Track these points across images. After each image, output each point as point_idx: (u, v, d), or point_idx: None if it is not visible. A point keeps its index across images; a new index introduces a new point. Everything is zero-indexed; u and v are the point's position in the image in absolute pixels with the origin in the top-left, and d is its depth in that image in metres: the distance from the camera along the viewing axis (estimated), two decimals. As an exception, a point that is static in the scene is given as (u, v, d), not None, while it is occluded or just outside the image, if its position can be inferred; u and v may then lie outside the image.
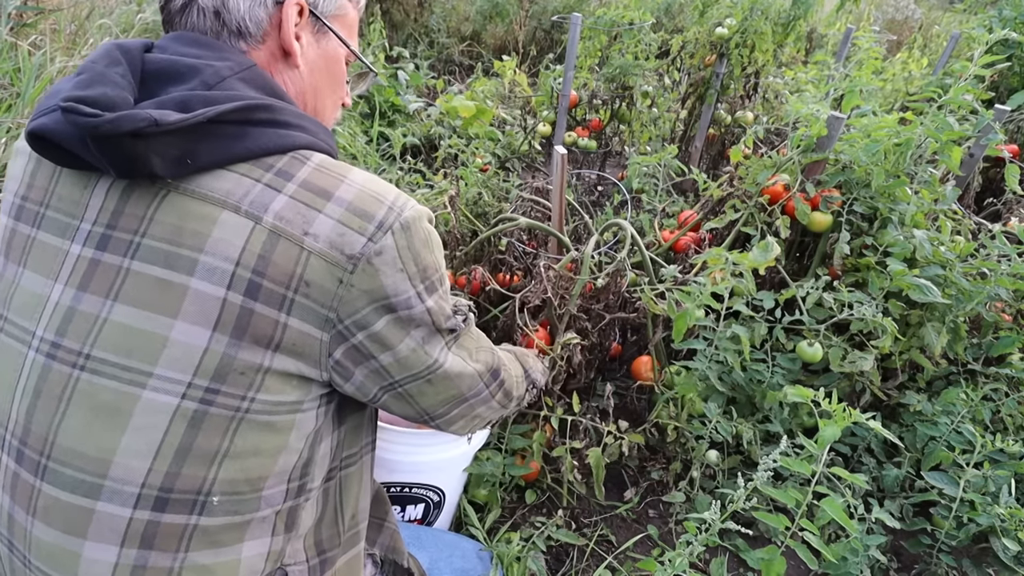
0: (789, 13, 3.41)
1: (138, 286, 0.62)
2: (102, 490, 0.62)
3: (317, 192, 0.64)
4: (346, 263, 0.63)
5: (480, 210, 2.32)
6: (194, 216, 0.62)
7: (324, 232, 0.63)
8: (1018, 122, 3.22)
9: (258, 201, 0.62)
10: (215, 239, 0.61)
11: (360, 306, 0.65)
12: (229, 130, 0.63)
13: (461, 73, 5.72)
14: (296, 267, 0.62)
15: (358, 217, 0.64)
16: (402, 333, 0.70)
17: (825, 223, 1.85)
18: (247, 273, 0.61)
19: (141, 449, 0.61)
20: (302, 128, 0.69)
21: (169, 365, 0.61)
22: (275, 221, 0.62)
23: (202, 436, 0.62)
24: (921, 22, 7.78)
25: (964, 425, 1.66)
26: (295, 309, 0.63)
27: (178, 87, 0.64)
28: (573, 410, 1.68)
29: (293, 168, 0.65)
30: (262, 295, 0.61)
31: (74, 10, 2.92)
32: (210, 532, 0.65)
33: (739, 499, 1.13)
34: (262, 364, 0.63)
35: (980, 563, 1.61)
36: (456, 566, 1.23)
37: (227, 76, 0.66)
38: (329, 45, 0.79)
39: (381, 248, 0.65)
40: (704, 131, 3.60)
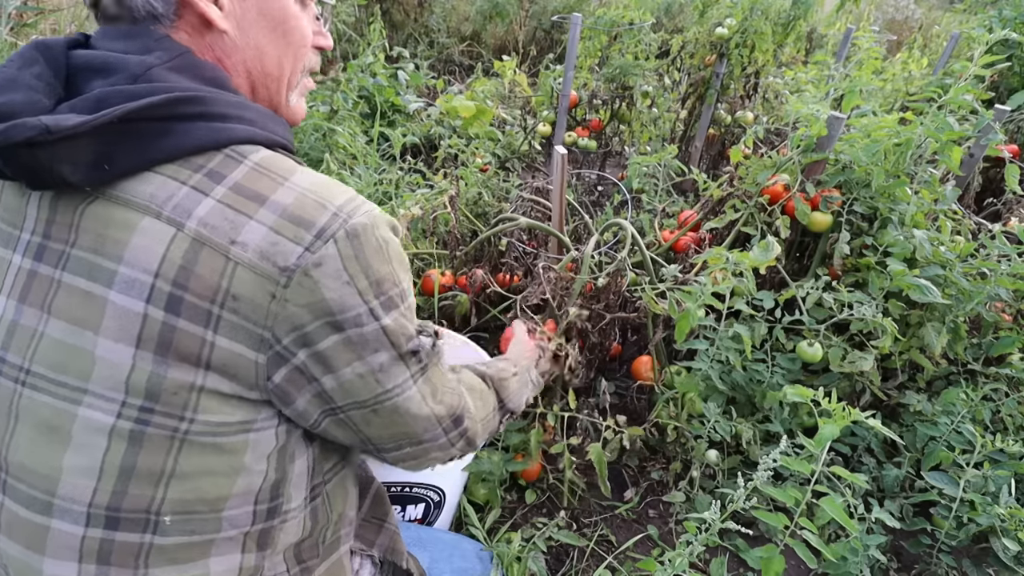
0: (789, 13, 3.41)
1: (67, 299, 0.58)
2: (53, 507, 0.59)
3: (250, 196, 0.58)
4: (278, 276, 0.57)
5: (480, 210, 2.32)
6: (115, 223, 0.57)
7: (254, 241, 0.57)
8: (1018, 122, 3.22)
9: (182, 206, 0.56)
10: (134, 248, 0.56)
11: (302, 323, 0.59)
12: (149, 128, 0.57)
13: (461, 73, 5.72)
14: (222, 280, 0.56)
15: (294, 224, 0.58)
16: (351, 355, 0.63)
17: (825, 223, 1.85)
18: (167, 286, 0.56)
19: (85, 467, 0.58)
20: (241, 119, 0.62)
21: (100, 383, 0.57)
22: (199, 228, 0.56)
23: (144, 456, 0.58)
24: (921, 22, 7.79)
25: (964, 425, 1.66)
26: (222, 327, 0.57)
27: (103, 81, 0.59)
28: (570, 407, 1.68)
29: (226, 168, 0.59)
30: (185, 310, 0.56)
31: (74, 10, 2.92)
32: (167, 551, 0.61)
33: (739, 499, 1.13)
34: (194, 383, 0.58)
35: (980, 563, 1.61)
36: (456, 566, 1.23)
37: (155, 66, 0.60)
38: None
39: (320, 259, 0.58)
40: (704, 131, 3.60)
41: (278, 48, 0.71)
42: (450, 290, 1.99)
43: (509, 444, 1.62)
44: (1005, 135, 3.11)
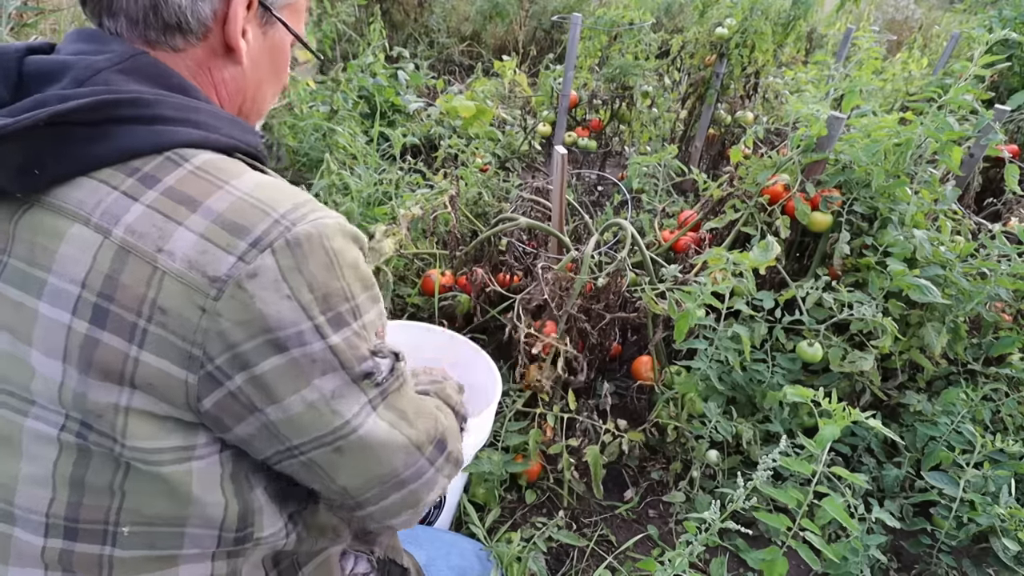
0: (789, 13, 3.41)
1: (5, 310, 0.55)
2: (14, 517, 0.57)
3: (181, 200, 0.54)
4: (208, 287, 0.53)
5: (480, 210, 2.32)
6: (45, 231, 0.54)
7: (182, 249, 0.53)
8: (1018, 122, 3.22)
9: (110, 212, 0.54)
10: (62, 256, 0.53)
11: (236, 341, 0.54)
12: (82, 132, 0.54)
13: (461, 73, 5.72)
14: (148, 290, 0.53)
15: (227, 232, 0.54)
16: (298, 380, 0.57)
17: (825, 223, 1.85)
18: (92, 296, 0.53)
19: (39, 477, 0.56)
20: (188, 122, 0.59)
21: (41, 395, 0.55)
22: (125, 235, 0.53)
23: (92, 472, 0.56)
24: (921, 22, 7.79)
25: (964, 425, 1.66)
26: (149, 341, 0.53)
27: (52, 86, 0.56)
28: (570, 408, 1.69)
29: (162, 172, 0.56)
30: (110, 323, 0.53)
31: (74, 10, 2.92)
32: (128, 563, 0.59)
33: (739, 499, 1.13)
34: (118, 403, 0.54)
35: (980, 563, 1.61)
36: (454, 564, 1.23)
37: (103, 68, 0.57)
38: (276, 35, 0.71)
39: (256, 269, 0.54)
40: (704, 131, 3.60)
41: (272, 85, 0.74)
42: (450, 290, 1.99)
43: (509, 445, 1.62)
44: (1005, 135, 3.11)
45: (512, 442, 1.62)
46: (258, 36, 0.69)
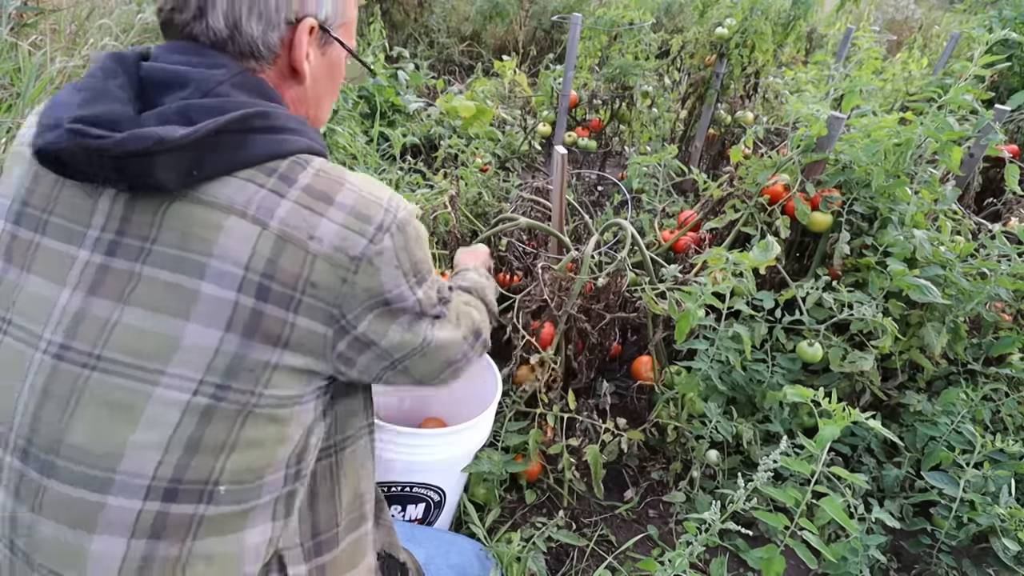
0: (789, 13, 3.41)
1: (150, 290, 0.64)
2: (112, 484, 0.63)
3: (319, 197, 0.67)
4: (349, 264, 0.67)
5: (480, 210, 2.32)
6: (199, 222, 0.64)
7: (328, 236, 0.66)
8: (1018, 122, 3.22)
9: (263, 206, 0.65)
10: (223, 244, 0.64)
11: (361, 301, 0.70)
12: (231, 139, 0.65)
13: (461, 73, 5.72)
14: (303, 270, 0.65)
15: (359, 220, 0.68)
16: (395, 322, 0.75)
17: (825, 223, 1.85)
18: (256, 277, 0.64)
19: (153, 443, 0.63)
20: (299, 132, 0.71)
21: (181, 364, 0.63)
22: (281, 227, 0.65)
23: (211, 429, 0.65)
24: (921, 22, 7.79)
25: (964, 425, 1.66)
26: (302, 309, 0.66)
27: (175, 95, 0.66)
28: (570, 408, 1.68)
29: (294, 173, 0.68)
30: (272, 297, 0.65)
31: (74, 10, 2.92)
32: (216, 521, 0.67)
33: (739, 499, 1.13)
34: (270, 361, 0.66)
35: (980, 563, 1.61)
36: (453, 562, 1.23)
37: (222, 82, 0.68)
38: (333, 53, 0.81)
39: (381, 249, 0.69)
40: (704, 131, 3.60)
41: (329, 98, 0.86)
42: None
43: (509, 445, 1.62)
44: (1005, 135, 3.11)
45: (512, 442, 1.62)
46: (318, 56, 0.79)
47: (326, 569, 0.81)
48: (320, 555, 0.80)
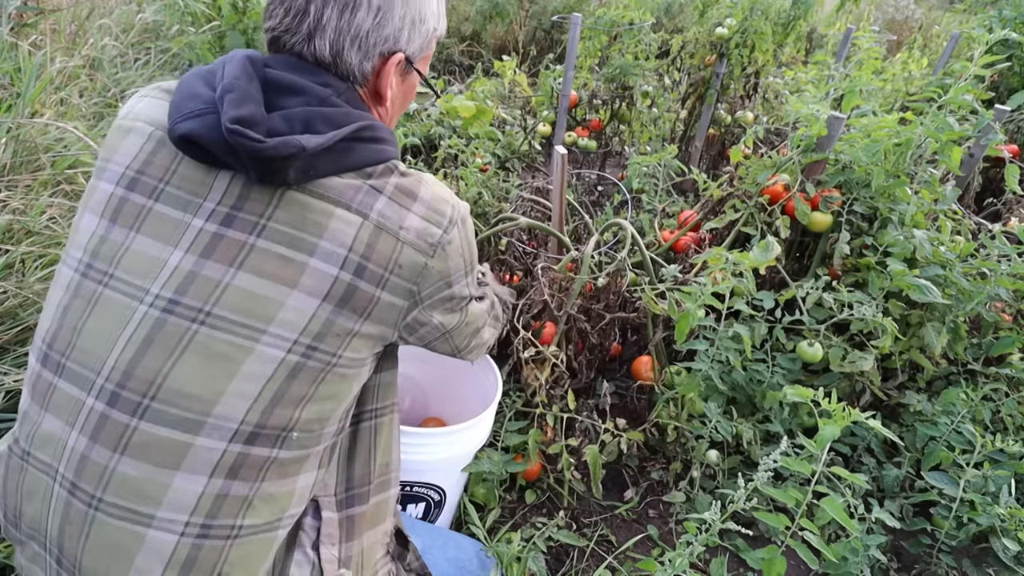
0: (789, 13, 3.41)
1: (262, 259, 0.74)
2: (204, 426, 0.72)
3: (406, 194, 0.81)
4: (428, 249, 0.81)
5: (480, 210, 2.31)
6: (314, 210, 0.76)
7: (414, 226, 0.80)
8: (1018, 122, 3.22)
9: (365, 202, 0.78)
10: (332, 229, 0.75)
11: (433, 281, 0.83)
12: (343, 146, 0.76)
13: (461, 73, 5.71)
14: (393, 253, 0.78)
15: (436, 213, 0.82)
16: (452, 302, 0.89)
17: (825, 223, 1.85)
18: (357, 257, 0.76)
19: (246, 392, 0.73)
20: (391, 143, 0.83)
21: (281, 325, 0.74)
22: (379, 218, 0.78)
23: (296, 383, 0.76)
24: (921, 22, 7.78)
25: (964, 425, 1.66)
26: (388, 286, 0.79)
27: (294, 99, 0.77)
28: (570, 408, 1.68)
29: (387, 175, 0.80)
30: (366, 275, 0.77)
31: (74, 10, 2.92)
32: (283, 463, 0.78)
33: (739, 499, 1.13)
34: (354, 328, 0.78)
35: (980, 563, 1.61)
36: (450, 555, 1.23)
37: (334, 95, 0.79)
38: (410, 80, 0.92)
39: (452, 238, 0.83)
40: (704, 131, 3.60)
41: (399, 114, 0.99)
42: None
43: (509, 445, 1.62)
44: (1005, 135, 3.11)
45: (512, 442, 1.62)
46: (399, 83, 0.90)
47: (354, 520, 0.91)
48: (351, 507, 0.91)
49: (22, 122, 1.81)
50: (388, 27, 0.82)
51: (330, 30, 0.79)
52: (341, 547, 0.89)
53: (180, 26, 3.19)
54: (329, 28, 0.79)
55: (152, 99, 0.82)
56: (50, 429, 0.76)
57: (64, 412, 0.75)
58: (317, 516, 0.88)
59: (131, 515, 0.72)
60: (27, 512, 0.78)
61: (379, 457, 0.95)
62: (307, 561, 0.85)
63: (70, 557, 0.75)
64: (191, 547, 0.73)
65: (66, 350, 0.76)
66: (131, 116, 0.82)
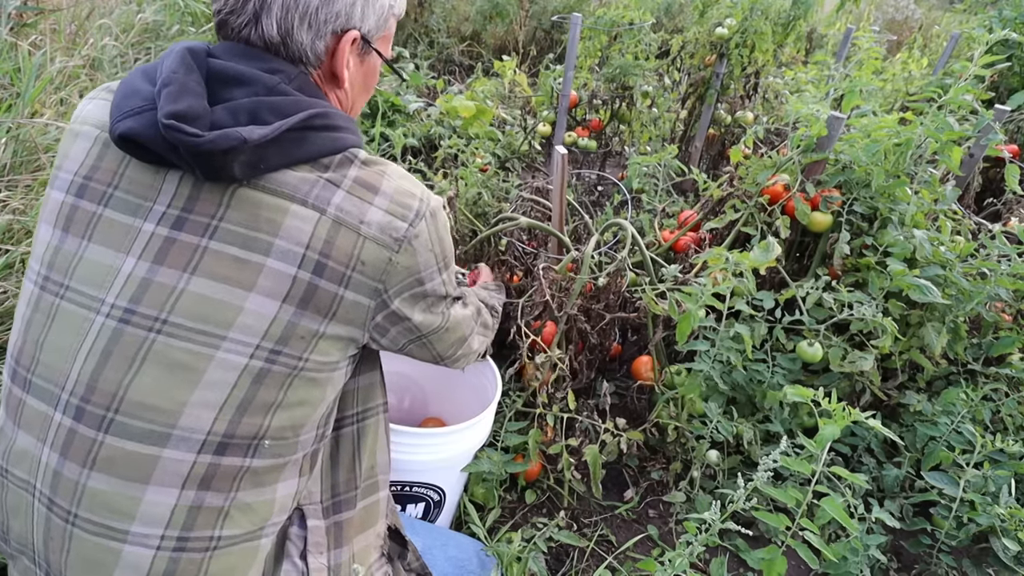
0: (789, 13, 3.41)
1: (216, 262, 0.71)
2: (170, 438, 0.70)
3: (366, 187, 0.77)
4: (392, 244, 0.77)
5: (480, 210, 2.31)
6: (267, 207, 0.72)
7: (376, 220, 0.76)
8: (1018, 122, 3.22)
9: (321, 196, 0.74)
10: (287, 226, 0.72)
11: (401, 278, 0.79)
12: (294, 136, 0.72)
13: (461, 73, 5.71)
14: (354, 250, 0.74)
15: (400, 207, 0.78)
16: (425, 300, 0.86)
17: (825, 223, 1.85)
18: (315, 255, 0.72)
19: (210, 401, 0.70)
20: (348, 130, 0.79)
21: (241, 330, 0.71)
22: (337, 213, 0.74)
23: (263, 390, 0.73)
24: (921, 22, 7.78)
25: (964, 425, 1.66)
26: (351, 284, 0.76)
27: (241, 91, 0.73)
28: (570, 408, 1.68)
29: (344, 167, 0.76)
30: (326, 273, 0.73)
31: (74, 10, 2.92)
32: (258, 473, 0.75)
33: (739, 499, 1.13)
34: (319, 330, 0.75)
35: (980, 563, 1.61)
36: (451, 555, 1.23)
37: (281, 83, 0.75)
38: (370, 61, 0.88)
39: (418, 232, 0.79)
40: (704, 131, 3.59)
41: (362, 99, 0.94)
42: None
43: (509, 445, 1.62)
44: (1005, 135, 3.11)
45: (512, 442, 1.62)
46: (357, 64, 0.86)
47: (343, 527, 0.89)
48: (337, 513, 0.89)
49: (22, 122, 1.81)
50: (339, 2, 0.78)
51: (276, 8, 0.75)
52: (330, 555, 0.87)
53: (180, 26, 3.19)
54: (275, 6, 0.75)
55: (99, 100, 0.79)
56: (24, 446, 0.74)
57: (35, 428, 0.74)
58: (303, 525, 0.85)
59: (106, 531, 0.70)
60: (14, 528, 0.77)
61: (365, 461, 0.93)
62: (296, 571, 0.83)
63: (56, 571, 0.74)
64: (168, 561, 0.71)
65: (31, 365, 0.74)
66: (80, 120, 0.79)
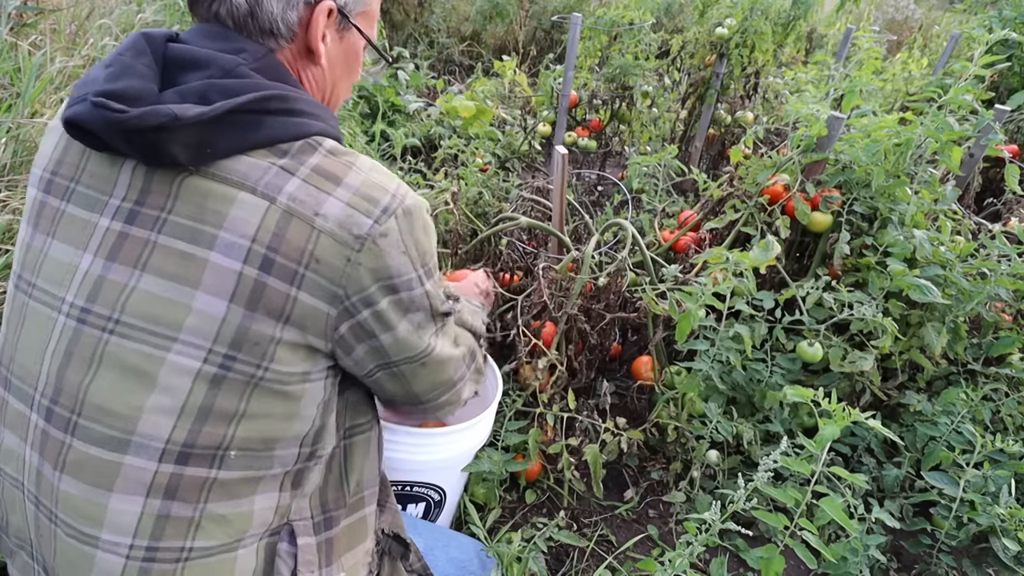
0: (789, 13, 3.41)
1: (164, 258, 0.66)
2: (130, 445, 0.66)
3: (327, 176, 0.69)
4: (353, 242, 0.68)
5: (480, 210, 2.32)
6: (214, 196, 0.66)
7: (334, 213, 0.68)
8: (1018, 122, 3.22)
9: (273, 183, 0.67)
10: (233, 217, 0.66)
11: (366, 284, 0.70)
12: (246, 119, 0.66)
13: (461, 73, 5.71)
14: (307, 244, 0.67)
15: (365, 201, 0.69)
16: (402, 314, 0.75)
17: (825, 223, 1.85)
18: (262, 249, 0.66)
19: (167, 407, 0.66)
20: (315, 116, 0.73)
21: (191, 332, 0.66)
22: (288, 202, 0.67)
23: (221, 397, 0.67)
24: (921, 22, 7.78)
25: (964, 425, 1.66)
26: (305, 283, 0.67)
27: (196, 74, 0.68)
28: (570, 407, 1.68)
29: (306, 154, 0.70)
30: (275, 270, 0.66)
31: (74, 10, 2.92)
32: (227, 484, 0.70)
33: (739, 499, 1.13)
34: (274, 335, 0.68)
35: (980, 563, 1.61)
36: (452, 556, 1.23)
37: (242, 64, 0.69)
38: (351, 39, 0.82)
39: (386, 230, 0.69)
40: (704, 131, 3.60)
41: (345, 82, 0.86)
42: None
43: (509, 444, 1.62)
44: (1005, 135, 3.11)
45: (512, 441, 1.62)
46: (335, 40, 0.80)
47: (332, 543, 0.85)
48: (328, 529, 0.85)
49: (22, 122, 1.81)
50: None
51: None
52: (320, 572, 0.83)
53: (180, 26, 3.19)
54: None
55: None
56: (10, 444, 0.74)
57: (17, 428, 0.73)
58: (293, 542, 0.80)
59: (80, 535, 0.69)
60: (12, 522, 0.77)
61: (353, 477, 0.87)
62: None
63: (50, 568, 0.73)
64: (139, 571, 0.68)
65: (10, 364, 0.73)
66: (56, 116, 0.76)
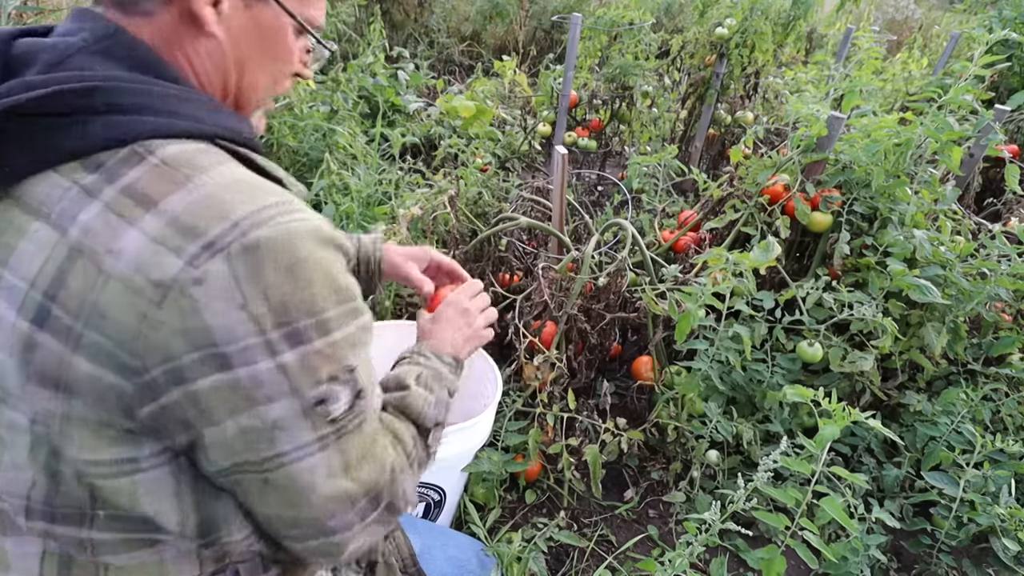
0: (789, 13, 3.41)
1: None
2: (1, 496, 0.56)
3: (139, 199, 0.50)
4: (151, 292, 0.48)
5: (480, 210, 2.32)
6: (13, 227, 0.52)
7: (130, 250, 0.48)
8: (1018, 122, 3.22)
9: (68, 210, 0.50)
10: (20, 252, 0.51)
11: (175, 352, 0.49)
12: (48, 123, 0.51)
13: (461, 73, 5.71)
14: (90, 293, 0.48)
15: (179, 233, 0.49)
16: (238, 402, 0.52)
17: (825, 223, 1.85)
18: (38, 296, 0.49)
19: (19, 463, 0.54)
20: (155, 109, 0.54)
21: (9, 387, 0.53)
22: (80, 235, 0.49)
23: (63, 464, 0.53)
24: (921, 22, 7.78)
25: (964, 425, 1.66)
26: (83, 346, 0.49)
27: (29, 71, 0.53)
28: (570, 408, 1.68)
29: (126, 166, 0.51)
30: (49, 324, 0.49)
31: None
32: (108, 544, 0.57)
33: (739, 499, 1.13)
34: (56, 410, 0.51)
35: (980, 563, 1.61)
36: (450, 555, 1.23)
37: (76, 51, 0.54)
38: (265, 12, 0.63)
39: (203, 275, 0.48)
40: (704, 131, 3.60)
41: (260, 66, 0.66)
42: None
43: (509, 444, 1.62)
44: (1005, 135, 3.11)
45: (512, 442, 1.62)
46: (238, 8, 0.61)
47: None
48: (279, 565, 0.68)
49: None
50: None
51: None
52: None
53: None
54: None
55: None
56: None
57: None
58: None
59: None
60: None
61: None
62: None
63: None
64: None
65: None
66: None
